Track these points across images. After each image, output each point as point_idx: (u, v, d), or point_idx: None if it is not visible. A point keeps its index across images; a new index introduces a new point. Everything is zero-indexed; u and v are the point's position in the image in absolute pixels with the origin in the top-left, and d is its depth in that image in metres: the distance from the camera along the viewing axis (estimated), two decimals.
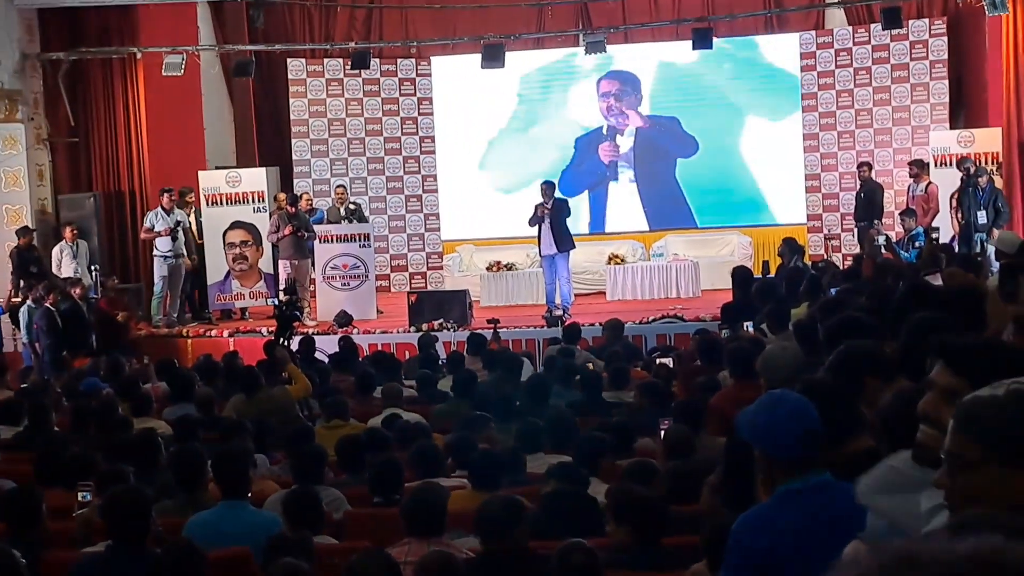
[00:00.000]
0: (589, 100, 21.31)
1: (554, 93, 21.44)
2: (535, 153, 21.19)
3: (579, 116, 21.32)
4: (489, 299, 18.61)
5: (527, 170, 20.78)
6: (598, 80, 21.18)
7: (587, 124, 21.26)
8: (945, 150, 17.99)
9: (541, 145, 21.26)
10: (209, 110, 20.02)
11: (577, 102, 21.35)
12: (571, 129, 21.27)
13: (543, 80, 21.42)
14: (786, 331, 8.78)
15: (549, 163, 20.83)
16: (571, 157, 21.20)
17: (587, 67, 20.90)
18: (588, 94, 21.30)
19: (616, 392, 10.08)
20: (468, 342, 13.20)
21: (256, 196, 18.47)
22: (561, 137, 21.27)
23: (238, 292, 18.44)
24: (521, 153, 21.29)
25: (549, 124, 21.37)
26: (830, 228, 20.01)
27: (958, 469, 2.60)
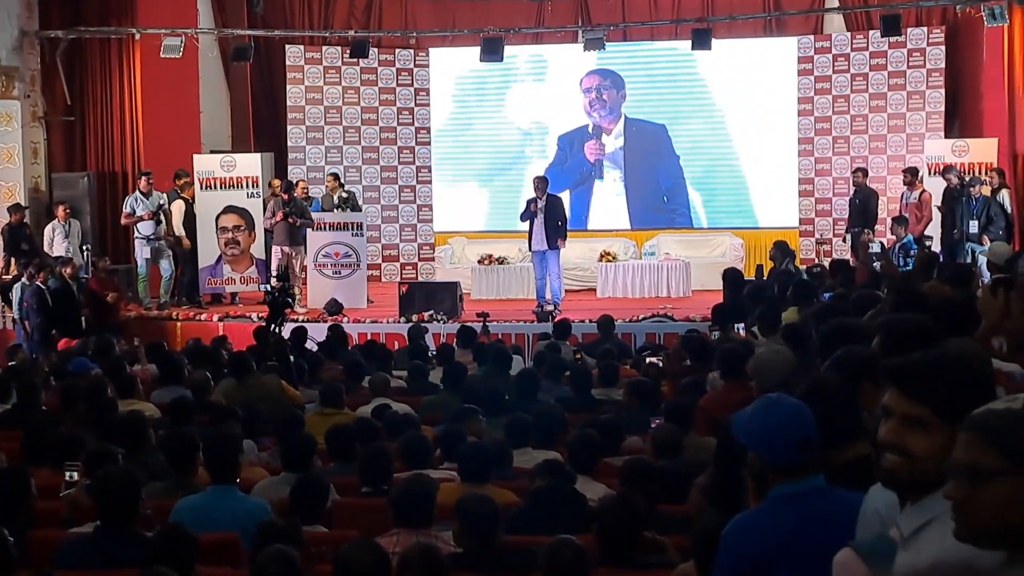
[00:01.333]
0: (566, 98, 21.42)
1: (529, 88, 21.54)
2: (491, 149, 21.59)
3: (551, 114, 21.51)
4: (480, 292, 18.62)
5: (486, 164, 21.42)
6: (581, 77, 21.24)
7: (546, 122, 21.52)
8: (939, 159, 18.04)
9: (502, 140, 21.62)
10: (206, 94, 20.00)
11: (552, 99, 21.48)
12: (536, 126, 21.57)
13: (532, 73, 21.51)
14: (776, 334, 8.80)
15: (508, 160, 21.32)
16: (554, 155, 21.34)
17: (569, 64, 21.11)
18: (567, 91, 21.42)
19: (605, 389, 10.08)
20: (458, 335, 13.20)
21: (250, 181, 18.45)
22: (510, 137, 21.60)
23: (229, 277, 18.42)
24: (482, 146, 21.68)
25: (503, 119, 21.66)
26: (822, 233, 20.07)
27: (976, 480, 2.60)
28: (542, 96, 21.43)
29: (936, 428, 2.86)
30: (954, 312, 5.71)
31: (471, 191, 21.62)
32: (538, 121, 21.48)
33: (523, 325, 15.99)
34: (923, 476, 2.86)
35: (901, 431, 2.90)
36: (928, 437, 2.87)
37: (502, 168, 21.57)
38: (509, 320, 16.23)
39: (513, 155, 21.55)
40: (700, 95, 20.99)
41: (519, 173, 21.18)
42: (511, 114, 21.58)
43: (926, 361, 2.98)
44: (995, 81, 18.21)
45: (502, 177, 21.52)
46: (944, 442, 2.82)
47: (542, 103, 21.42)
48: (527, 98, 21.51)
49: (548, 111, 21.44)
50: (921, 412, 2.87)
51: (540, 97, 21.44)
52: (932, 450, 2.85)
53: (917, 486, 2.88)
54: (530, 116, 21.52)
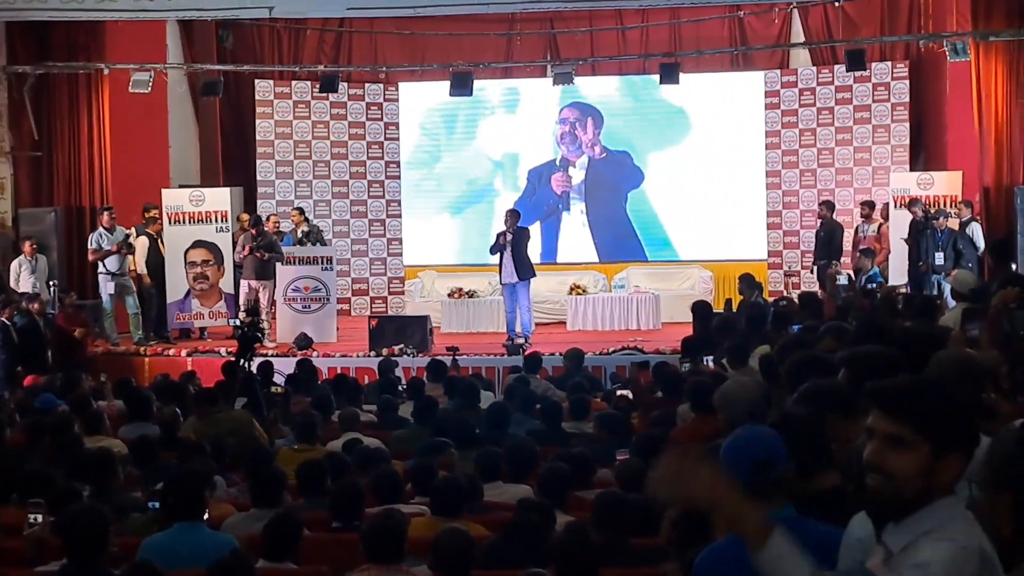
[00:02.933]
0: (536, 130, 21.54)
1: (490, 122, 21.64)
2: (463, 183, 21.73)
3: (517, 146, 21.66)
4: (450, 325, 18.62)
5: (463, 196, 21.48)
6: (560, 109, 21.33)
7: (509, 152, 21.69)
8: (905, 191, 18.15)
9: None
10: (175, 128, 19.98)
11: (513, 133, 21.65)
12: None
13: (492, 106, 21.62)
14: (745, 366, 8.84)
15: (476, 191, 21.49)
16: (523, 188, 21.42)
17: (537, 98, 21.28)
18: (538, 124, 21.53)
19: (576, 423, 10.09)
20: (428, 368, 13.19)
21: (219, 216, 18.41)
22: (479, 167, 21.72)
23: (198, 311, 18.35)
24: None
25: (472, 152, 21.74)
26: (790, 265, 20.15)
27: (889, 448, 2.83)
28: (512, 129, 21.51)
29: (917, 447, 2.90)
30: (919, 344, 5.73)
31: (441, 224, 21.64)
32: (508, 153, 21.54)
33: (493, 358, 15.99)
34: (905, 495, 2.90)
35: (883, 451, 2.93)
36: (909, 456, 2.90)
37: (471, 201, 21.61)
38: (480, 353, 16.23)
39: (482, 188, 21.60)
40: (668, 128, 21.07)
41: (488, 206, 21.28)
42: (481, 147, 21.64)
43: (907, 381, 3.02)
44: (959, 114, 18.37)
45: (471, 210, 21.56)
46: (926, 461, 2.87)
47: (512, 136, 21.51)
48: (497, 131, 21.59)
49: (518, 144, 21.54)
50: (902, 431, 2.92)
51: (510, 130, 21.53)
52: (913, 469, 2.89)
53: (900, 506, 2.92)
54: (500, 149, 21.58)
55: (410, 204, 21.38)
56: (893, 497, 2.92)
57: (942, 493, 2.93)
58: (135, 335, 17.40)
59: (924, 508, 2.90)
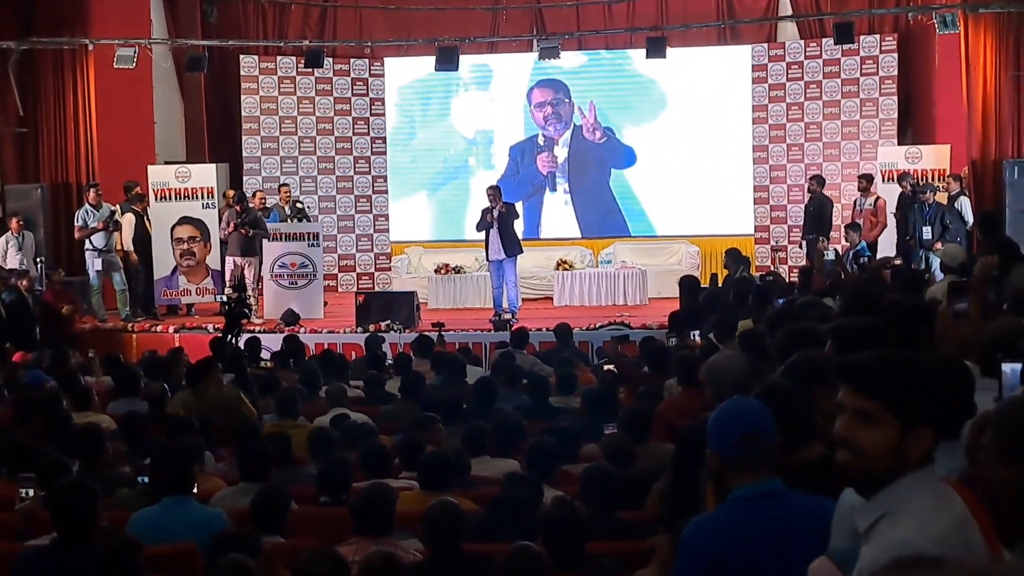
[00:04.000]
0: (511, 107, 21.50)
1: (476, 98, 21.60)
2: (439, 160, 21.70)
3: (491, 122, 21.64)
4: (437, 301, 18.62)
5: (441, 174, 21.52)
6: (530, 89, 21.31)
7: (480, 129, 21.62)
8: (893, 165, 18.18)
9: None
10: (160, 104, 19.92)
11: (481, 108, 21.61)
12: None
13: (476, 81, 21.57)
14: (732, 341, 8.85)
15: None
16: (505, 165, 21.37)
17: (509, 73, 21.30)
18: (512, 101, 21.50)
19: (563, 397, 10.11)
20: (415, 344, 13.19)
21: (205, 192, 18.39)
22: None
23: (185, 288, 18.34)
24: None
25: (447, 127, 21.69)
26: (777, 240, 20.16)
27: (858, 423, 2.90)
28: (486, 106, 21.47)
29: (886, 423, 2.91)
30: (905, 316, 5.74)
31: (420, 201, 21.62)
32: (483, 130, 21.51)
33: (480, 334, 15.98)
34: (874, 471, 2.91)
35: (852, 426, 2.95)
36: (878, 432, 2.91)
37: (448, 178, 21.59)
38: (466, 329, 16.23)
39: (458, 165, 21.57)
40: (654, 103, 21.04)
41: (463, 183, 21.29)
42: (456, 123, 21.59)
43: (875, 356, 3.03)
44: (948, 87, 18.37)
45: (448, 187, 21.55)
46: (894, 437, 2.88)
47: (487, 113, 21.47)
48: (472, 108, 21.54)
49: (493, 120, 21.50)
50: (871, 407, 2.93)
51: (485, 107, 21.48)
52: (882, 445, 2.90)
53: (869, 481, 2.93)
54: (475, 125, 21.55)
55: (392, 182, 21.35)
56: (863, 472, 2.93)
57: (913, 467, 2.94)
58: (122, 312, 17.37)
59: (894, 483, 2.91)
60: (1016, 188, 16.89)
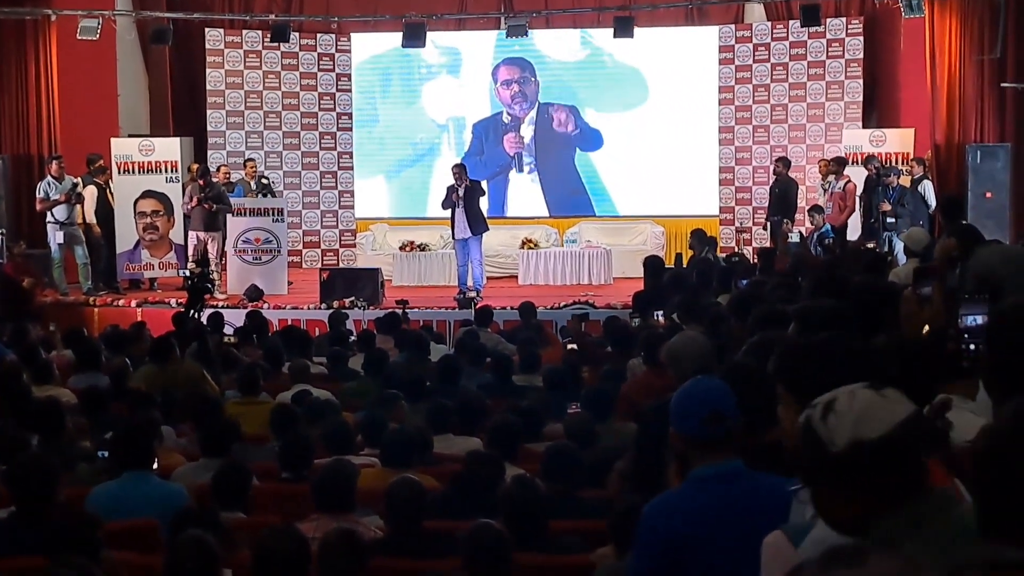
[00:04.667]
0: (476, 85, 21.45)
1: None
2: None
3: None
4: (401, 279, 18.58)
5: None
6: (495, 67, 21.24)
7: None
8: (857, 148, 18.26)
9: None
10: (124, 77, 19.75)
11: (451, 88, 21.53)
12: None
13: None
14: (696, 322, 8.87)
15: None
16: (469, 143, 21.34)
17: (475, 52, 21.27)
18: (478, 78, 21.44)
19: (526, 376, 10.11)
20: (379, 321, 13.17)
21: (169, 166, 18.29)
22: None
23: (147, 262, 18.24)
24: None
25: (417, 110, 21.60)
26: (742, 221, 20.22)
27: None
28: (458, 91, 21.39)
29: (788, 402, 2.95)
30: (871, 299, 5.77)
31: (385, 180, 21.55)
32: (449, 108, 21.40)
33: (445, 312, 15.98)
34: (791, 452, 2.93)
35: (790, 414, 2.99)
36: (786, 411, 2.96)
37: (415, 161, 21.48)
38: (431, 306, 16.22)
39: (428, 149, 21.46)
40: (620, 83, 21.02)
41: (430, 163, 21.22)
42: (427, 109, 21.49)
43: (781, 341, 3.11)
44: (913, 71, 18.45)
45: (414, 165, 21.45)
46: (795, 416, 2.89)
47: (458, 99, 21.39)
48: (443, 93, 21.44)
49: (465, 107, 21.39)
50: (780, 388, 2.99)
51: (456, 92, 21.40)
52: (788, 425, 2.94)
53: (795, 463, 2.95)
54: (447, 112, 21.44)
55: (357, 161, 21.28)
56: (789, 453, 2.97)
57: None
58: (84, 285, 17.24)
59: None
60: (979, 172, 17.00)
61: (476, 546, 4.82)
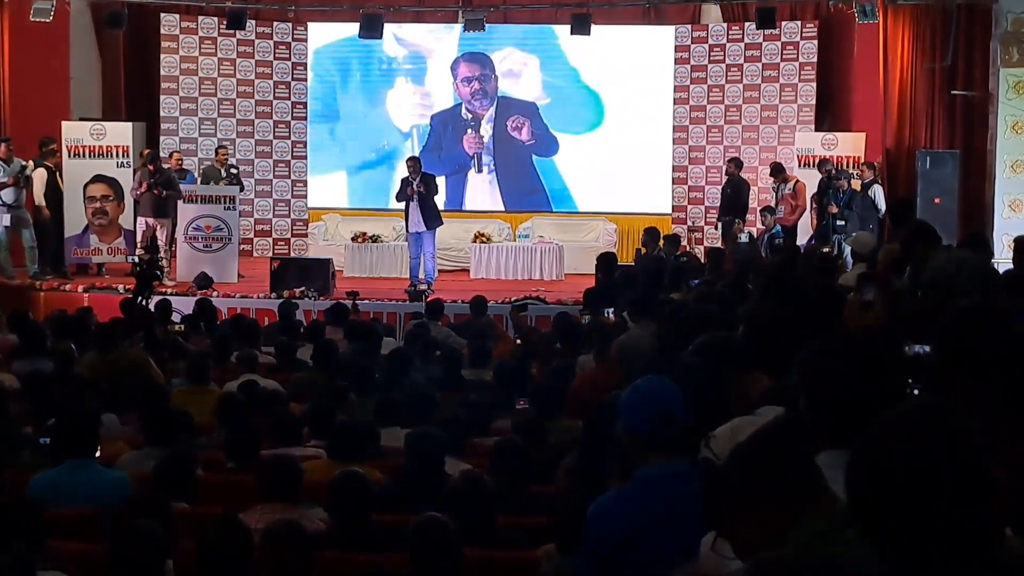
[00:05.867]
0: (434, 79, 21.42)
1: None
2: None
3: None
4: (353, 270, 18.53)
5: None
6: (454, 61, 21.20)
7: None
8: (809, 151, 18.37)
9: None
10: (76, 60, 19.55)
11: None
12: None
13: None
14: (645, 319, 8.89)
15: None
16: (427, 135, 21.27)
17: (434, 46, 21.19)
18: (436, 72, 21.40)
19: (476, 370, 10.10)
20: (329, 312, 13.11)
21: (120, 151, 18.14)
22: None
23: (96, 247, 18.08)
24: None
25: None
26: (694, 220, 20.30)
27: None
28: (417, 91, 21.33)
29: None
30: (819, 303, 5.80)
31: (345, 174, 21.46)
32: (414, 117, 21.33)
33: (395, 304, 15.94)
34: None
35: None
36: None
37: (377, 160, 21.37)
38: (381, 298, 16.18)
39: (388, 148, 21.36)
40: (577, 79, 21.04)
41: (392, 163, 21.08)
42: (385, 106, 21.43)
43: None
44: (866, 76, 18.57)
45: (375, 168, 21.33)
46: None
47: (417, 97, 21.32)
48: (401, 91, 21.36)
49: (425, 104, 21.32)
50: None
51: (414, 91, 21.33)
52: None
53: None
54: (405, 110, 21.37)
55: (314, 158, 21.20)
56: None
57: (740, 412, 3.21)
58: (31, 269, 17.08)
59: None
60: (928, 178, 17.15)
61: (422, 539, 4.81)
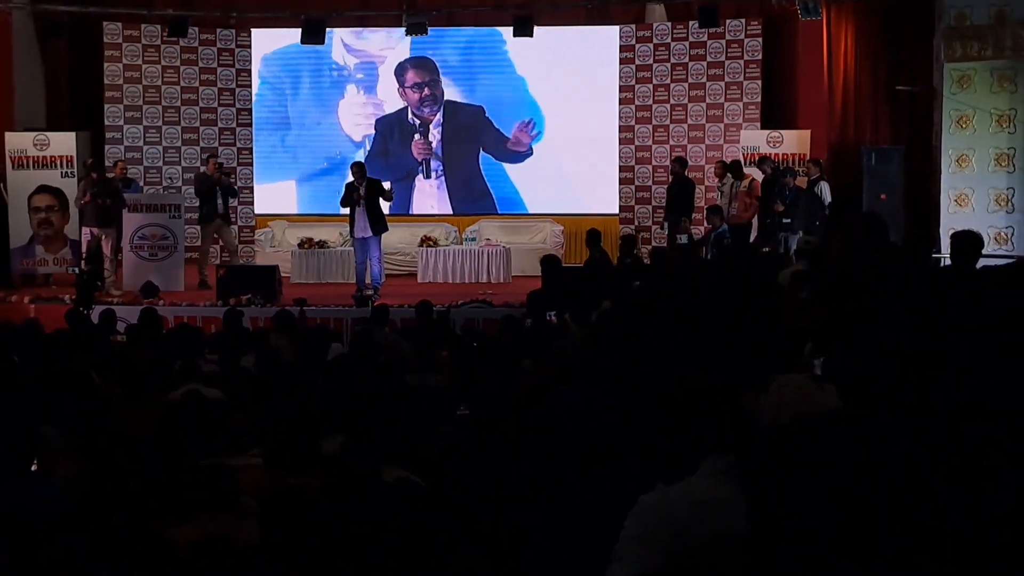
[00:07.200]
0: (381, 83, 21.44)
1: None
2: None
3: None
4: (300, 276, 18.51)
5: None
6: (398, 65, 21.21)
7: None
8: (755, 149, 18.49)
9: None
10: (20, 69, 19.44)
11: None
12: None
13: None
14: (588, 321, 8.93)
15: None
16: (371, 140, 21.29)
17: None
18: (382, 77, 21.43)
19: (420, 375, 10.09)
20: (275, 319, 13.07)
21: (65, 160, 18.10)
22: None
23: (42, 258, 18.02)
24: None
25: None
26: (641, 220, 20.36)
27: None
28: (368, 100, 21.34)
29: None
30: (751, 299, 5.85)
31: (295, 183, 21.41)
32: (366, 127, 21.35)
33: (342, 310, 15.90)
34: None
35: None
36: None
37: (328, 168, 21.33)
38: (328, 305, 16.13)
39: (339, 158, 21.29)
40: (520, 81, 21.08)
41: (343, 172, 21.00)
42: (336, 115, 21.41)
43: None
44: (810, 74, 18.70)
45: (325, 177, 21.30)
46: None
47: (368, 107, 21.35)
48: (352, 101, 21.40)
49: (377, 113, 21.35)
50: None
51: (365, 101, 21.35)
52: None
53: None
54: (364, 130, 21.39)
55: (260, 154, 21.12)
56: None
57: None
58: None
59: None
60: (873, 174, 17.26)
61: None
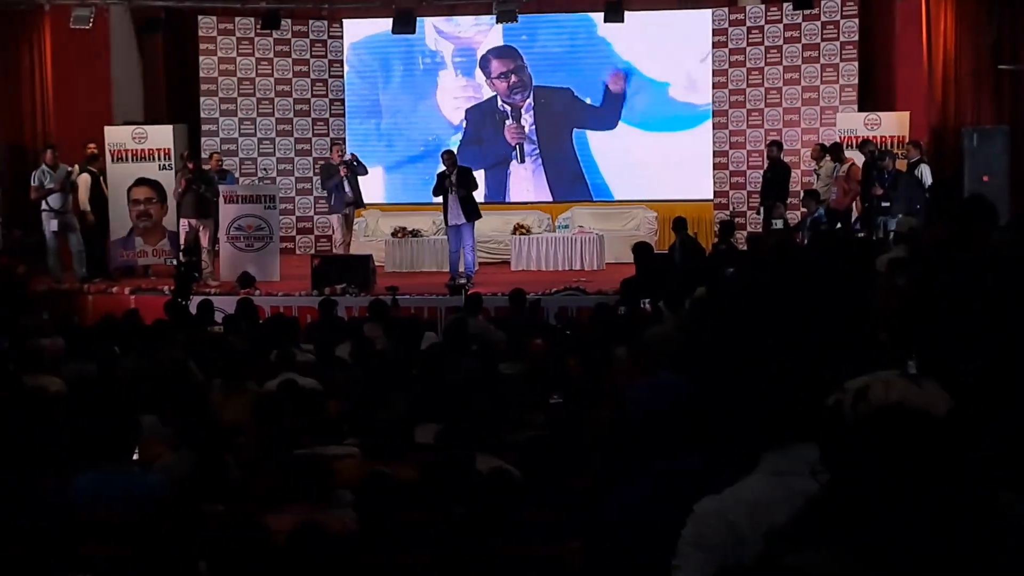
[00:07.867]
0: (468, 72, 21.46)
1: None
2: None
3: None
4: (393, 265, 18.59)
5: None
6: (482, 58, 21.27)
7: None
8: (852, 132, 18.24)
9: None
10: (117, 64, 19.76)
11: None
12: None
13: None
14: (682, 309, 8.88)
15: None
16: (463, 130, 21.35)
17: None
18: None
19: (513, 364, 10.09)
20: (369, 308, 13.15)
21: (162, 153, 18.33)
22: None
23: (141, 249, 18.28)
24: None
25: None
26: (736, 205, 20.18)
27: None
28: (466, 83, 21.39)
29: None
30: (841, 285, 5.77)
31: (382, 169, 21.51)
32: (462, 96, 21.39)
33: (435, 299, 15.95)
34: None
35: None
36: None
37: (424, 153, 21.37)
38: (422, 294, 16.20)
39: (436, 142, 21.32)
40: (613, 67, 21.00)
41: (434, 147, 21.15)
42: (435, 97, 21.47)
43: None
44: (908, 54, 18.39)
45: (422, 161, 21.36)
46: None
47: (467, 90, 21.40)
48: (451, 83, 21.47)
49: (470, 84, 21.39)
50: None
51: (464, 84, 21.40)
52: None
53: None
54: (455, 102, 21.44)
55: (354, 142, 21.22)
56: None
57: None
58: (78, 273, 17.26)
59: None
60: (975, 156, 16.92)
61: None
